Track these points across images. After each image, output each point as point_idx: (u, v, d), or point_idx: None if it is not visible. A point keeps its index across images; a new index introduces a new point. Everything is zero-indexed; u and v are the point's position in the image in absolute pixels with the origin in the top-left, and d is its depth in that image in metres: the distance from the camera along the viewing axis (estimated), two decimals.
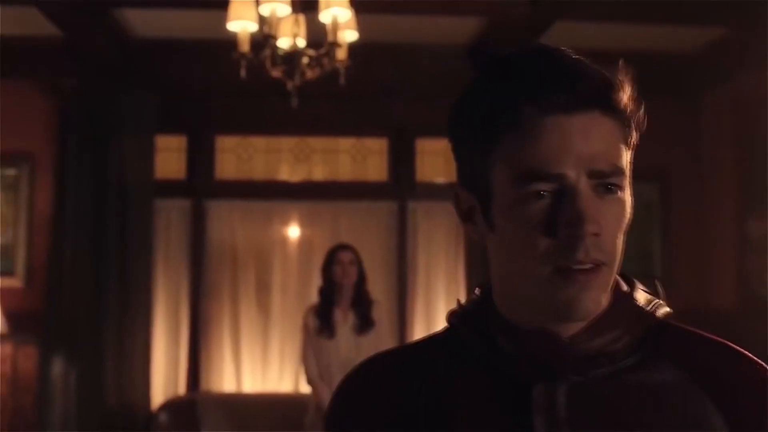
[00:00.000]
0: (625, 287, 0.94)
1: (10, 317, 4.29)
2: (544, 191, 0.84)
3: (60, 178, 4.52)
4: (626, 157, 0.89)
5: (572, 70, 0.85)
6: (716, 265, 4.76)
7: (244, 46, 2.88)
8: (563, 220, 0.83)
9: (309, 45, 2.97)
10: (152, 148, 4.65)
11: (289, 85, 2.89)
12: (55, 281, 4.45)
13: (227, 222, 4.80)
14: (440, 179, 4.88)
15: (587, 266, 0.84)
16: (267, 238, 4.81)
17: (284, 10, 2.75)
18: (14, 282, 4.55)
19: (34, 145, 4.63)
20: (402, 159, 4.90)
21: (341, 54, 2.93)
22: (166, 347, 4.71)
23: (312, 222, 4.85)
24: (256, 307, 4.76)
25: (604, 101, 0.85)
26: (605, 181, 0.85)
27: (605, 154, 0.85)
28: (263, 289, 4.77)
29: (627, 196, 0.89)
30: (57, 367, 4.39)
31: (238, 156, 4.88)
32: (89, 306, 4.46)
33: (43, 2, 3.74)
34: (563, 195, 0.84)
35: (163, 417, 4.36)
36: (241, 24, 2.87)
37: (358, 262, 3.86)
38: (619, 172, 0.86)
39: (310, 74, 2.88)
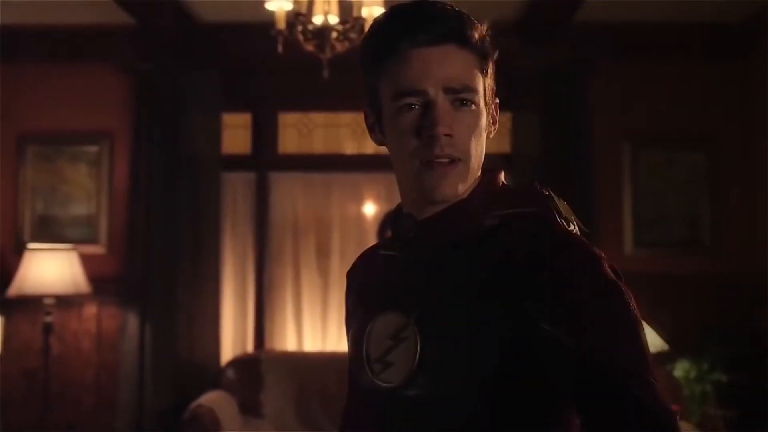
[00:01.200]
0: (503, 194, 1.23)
1: (94, 281, 4.65)
2: (413, 104, 1.13)
3: (136, 153, 4.87)
4: (481, 82, 1.18)
5: (434, 14, 1.16)
6: (765, 231, 4.78)
7: (281, 24, 3.15)
8: (424, 125, 1.12)
9: (343, 21, 3.22)
10: (219, 124, 4.96)
11: (322, 59, 3.14)
12: (133, 248, 4.83)
13: (289, 193, 5.10)
14: (491, 150, 5.04)
15: (444, 160, 1.13)
16: (326, 207, 5.08)
17: None
18: (97, 249, 4.97)
19: (112, 124, 5.00)
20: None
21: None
22: (233, 309, 5.04)
23: (368, 191, 5.10)
24: (316, 271, 5.04)
25: (459, 37, 1.15)
26: (458, 96, 1.14)
27: (458, 76, 1.14)
28: (323, 255, 5.05)
29: (481, 110, 1.18)
30: (135, 325, 4.78)
31: (299, 131, 5.17)
32: (164, 270, 4.80)
33: None
34: (426, 106, 1.13)
35: (230, 372, 4.69)
36: (277, 3, 3.15)
37: None
38: (469, 89, 1.15)
39: (339, 47, 3.13)
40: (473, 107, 1.16)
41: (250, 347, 5.00)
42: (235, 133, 5.13)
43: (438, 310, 1.13)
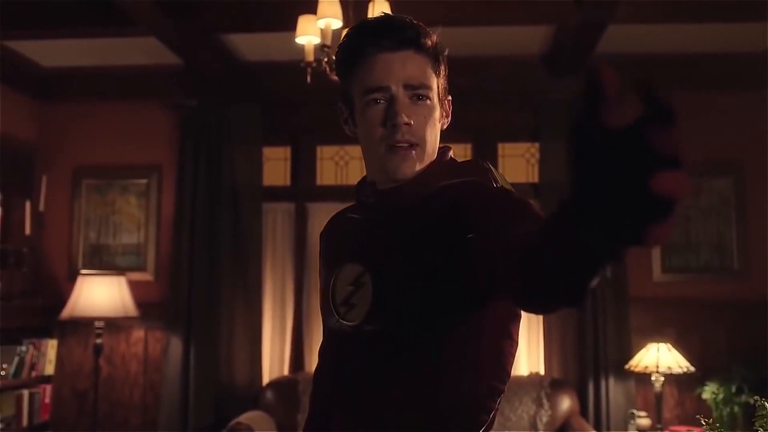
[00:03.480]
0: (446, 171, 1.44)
1: (141, 305, 4.91)
2: (378, 99, 1.37)
3: (181, 185, 5.15)
4: (435, 81, 1.41)
5: (396, 25, 1.41)
6: None
7: (310, 56, 3.39)
8: (388, 115, 1.36)
9: None
10: (260, 157, 5.21)
11: None
12: (178, 275, 5.07)
13: (326, 221, 5.30)
14: (520, 179, 5.19)
15: (404, 145, 1.37)
16: None
17: (337, 23, 3.25)
18: (145, 276, 5.24)
19: (160, 157, 5.31)
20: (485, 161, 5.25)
21: None
22: (272, 333, 5.24)
23: None
24: None
25: (416, 44, 1.39)
26: (416, 92, 1.38)
27: (416, 75, 1.38)
28: None
29: (435, 104, 1.41)
30: (179, 348, 5.01)
31: (336, 163, 5.41)
32: (207, 296, 5.03)
33: (162, 32, 4.42)
34: (389, 101, 1.37)
35: (269, 393, 4.86)
36: (306, 38, 3.39)
37: None
38: (425, 86, 1.39)
39: None
40: (428, 101, 1.39)
41: (287, 370, 5.17)
42: (276, 165, 5.38)
43: (389, 259, 1.36)
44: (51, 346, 5.07)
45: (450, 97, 1.48)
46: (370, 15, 3.21)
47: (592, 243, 0.78)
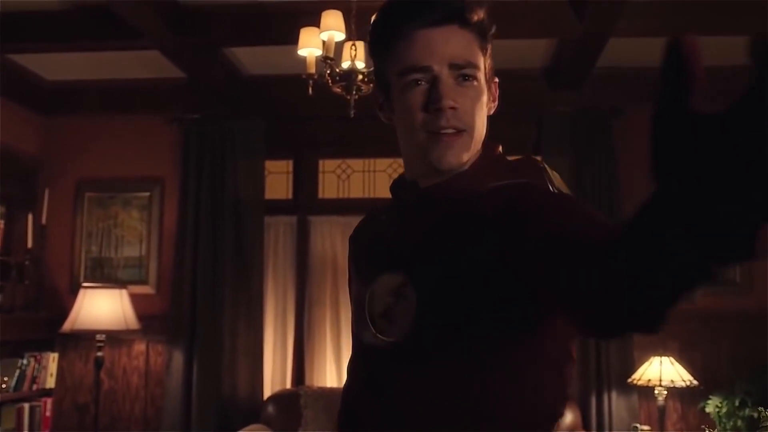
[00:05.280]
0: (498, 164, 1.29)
1: (143, 319, 4.90)
2: (419, 80, 1.22)
3: (184, 198, 5.15)
4: (482, 60, 1.26)
5: None
6: None
7: (312, 69, 3.41)
8: (431, 99, 1.20)
9: (368, 65, 3.46)
10: (262, 170, 5.21)
11: (349, 99, 3.38)
12: (180, 288, 5.07)
13: (328, 236, 5.31)
14: None
15: (449, 131, 1.21)
16: None
17: (340, 36, 3.27)
18: (147, 289, 5.24)
19: (162, 171, 5.31)
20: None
21: None
22: (274, 347, 5.23)
23: None
24: None
25: (460, 18, 1.23)
26: (462, 72, 1.22)
27: (461, 53, 1.22)
28: None
29: (482, 86, 1.25)
30: (180, 361, 5.00)
31: (338, 176, 5.41)
32: (209, 309, 5.02)
33: (165, 46, 4.44)
34: (431, 82, 1.21)
35: (270, 407, 4.85)
36: (308, 50, 3.41)
37: None
38: (472, 65, 1.23)
39: (365, 89, 3.37)
40: (475, 83, 1.24)
41: (288, 384, 5.16)
42: (278, 178, 5.39)
43: (434, 268, 1.19)
44: (52, 359, 5.06)
45: (497, 80, 1.32)
46: None
47: (681, 255, 0.66)
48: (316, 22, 3.37)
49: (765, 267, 4.88)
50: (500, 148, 1.34)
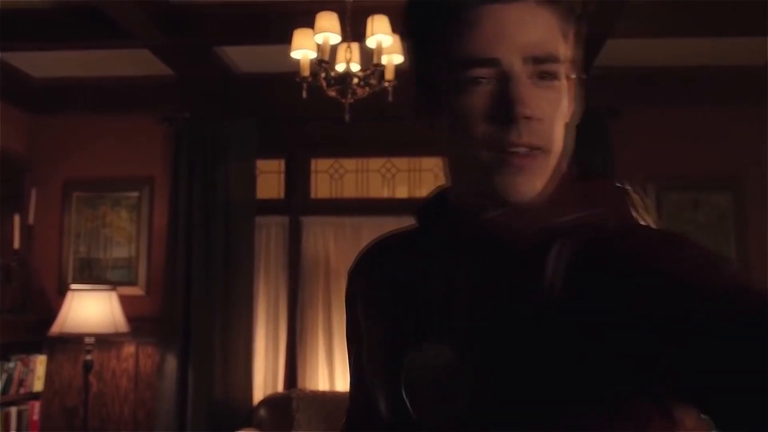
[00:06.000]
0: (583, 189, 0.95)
1: (132, 321, 4.82)
2: (481, 78, 0.86)
3: (174, 198, 5.06)
4: (565, 48, 0.89)
5: None
6: None
7: (305, 71, 3.33)
8: (497, 104, 0.86)
9: (364, 68, 3.39)
10: (254, 170, 5.13)
11: (345, 103, 3.31)
12: (170, 289, 4.99)
13: (321, 236, 5.24)
14: None
15: (522, 150, 0.86)
16: (356, 249, 5.14)
17: (335, 38, 3.19)
18: (136, 290, 5.16)
19: (152, 170, 5.22)
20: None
21: (389, 75, 3.33)
22: (266, 349, 5.15)
23: None
24: None
25: None
26: (540, 68, 0.87)
27: (540, 41, 0.86)
28: None
29: (565, 85, 0.90)
30: (171, 364, 4.93)
31: (330, 176, 5.34)
32: (200, 310, 4.94)
33: (155, 45, 4.35)
34: (500, 81, 0.86)
35: (262, 411, 4.79)
36: (302, 52, 3.33)
37: None
38: (553, 59, 0.87)
39: (360, 93, 3.30)
40: (556, 83, 0.89)
41: (280, 387, 5.10)
42: (269, 178, 5.32)
43: (500, 337, 0.87)
44: (40, 362, 4.98)
45: (575, 75, 0.93)
46: (369, 30, 3.15)
47: None
48: (309, 23, 3.29)
49: (761, 270, 4.85)
50: (574, 168, 0.98)
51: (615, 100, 4.93)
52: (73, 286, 4.81)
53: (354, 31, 3.33)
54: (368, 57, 3.37)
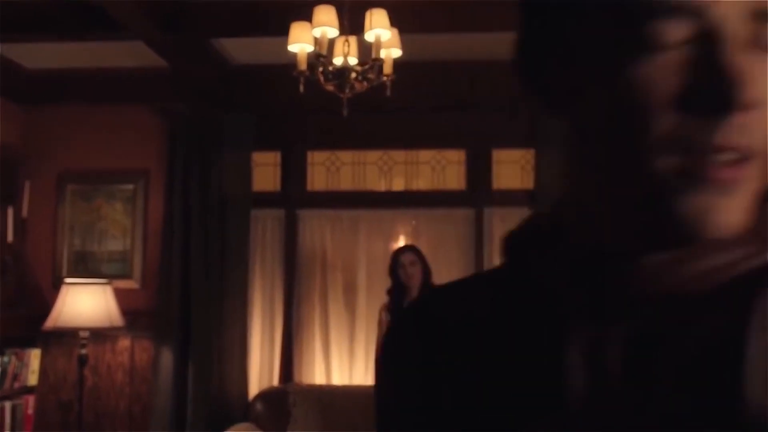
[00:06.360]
0: None
1: (128, 315, 4.79)
2: (670, 40, 0.54)
3: (169, 191, 5.03)
4: None
5: None
6: None
7: (302, 65, 3.29)
8: (697, 82, 0.54)
9: (362, 62, 3.35)
10: (250, 163, 5.10)
11: (342, 98, 3.27)
12: (166, 283, 4.95)
13: (317, 229, 5.21)
14: (515, 186, 5.12)
15: (729, 157, 0.54)
16: (353, 243, 5.17)
17: (333, 32, 3.15)
18: (131, 284, 5.12)
19: (148, 163, 5.18)
20: (479, 168, 5.17)
21: (387, 69, 3.29)
22: (262, 343, 5.13)
23: (395, 228, 5.20)
24: (343, 306, 5.12)
25: None
26: (764, 32, 0.54)
27: None
28: (350, 290, 5.13)
29: None
30: (167, 359, 4.90)
31: (327, 168, 5.30)
32: (195, 305, 4.91)
33: (150, 37, 4.29)
34: (700, 45, 0.54)
35: (258, 405, 4.76)
36: (299, 46, 3.29)
37: (421, 261, 4.15)
38: None
39: (358, 87, 3.26)
40: None
41: (276, 381, 5.07)
42: (265, 170, 5.28)
43: None
44: (34, 356, 4.95)
45: None
46: (367, 23, 3.12)
47: None
48: (307, 15, 3.25)
49: None
50: None
51: None
52: (68, 280, 4.77)
53: (352, 25, 3.29)
54: (366, 51, 3.33)
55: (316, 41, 3.21)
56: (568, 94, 0.62)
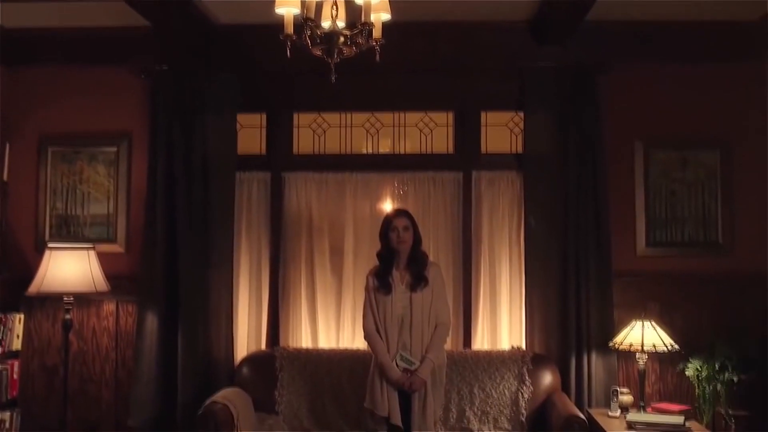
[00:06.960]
0: None
1: (112, 278, 4.76)
2: None
3: (153, 154, 4.93)
4: None
5: None
6: None
7: (289, 29, 3.19)
8: None
9: (350, 26, 3.25)
10: (235, 125, 5.01)
11: (330, 63, 3.18)
12: (150, 246, 4.88)
13: (303, 192, 5.14)
14: (504, 150, 5.07)
15: None
16: (339, 206, 5.12)
17: None
18: (115, 248, 5.06)
19: (130, 125, 5.08)
20: (467, 130, 5.10)
21: (377, 33, 3.20)
22: (249, 306, 5.09)
23: (381, 191, 5.14)
24: (330, 269, 5.09)
25: None
26: None
27: None
28: (336, 254, 5.09)
29: None
30: (151, 323, 4.85)
31: (313, 131, 5.22)
32: (180, 268, 4.85)
33: None
34: None
35: (245, 369, 4.73)
36: (286, 8, 3.19)
37: (413, 226, 4.10)
38: None
39: (347, 52, 3.17)
40: None
41: (263, 345, 5.05)
42: (250, 133, 5.19)
43: None
44: (18, 321, 4.90)
45: None
46: None
47: None
48: None
49: (747, 229, 4.83)
50: None
51: (606, 56, 4.83)
52: (51, 244, 4.71)
53: None
54: (355, 15, 3.24)
55: (304, 4, 3.11)
56: None
